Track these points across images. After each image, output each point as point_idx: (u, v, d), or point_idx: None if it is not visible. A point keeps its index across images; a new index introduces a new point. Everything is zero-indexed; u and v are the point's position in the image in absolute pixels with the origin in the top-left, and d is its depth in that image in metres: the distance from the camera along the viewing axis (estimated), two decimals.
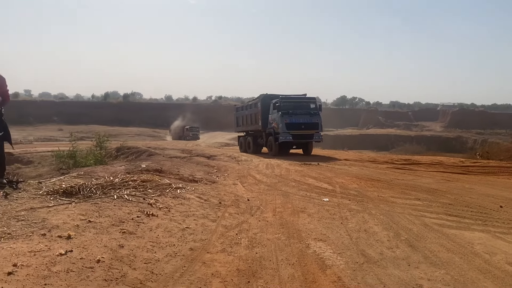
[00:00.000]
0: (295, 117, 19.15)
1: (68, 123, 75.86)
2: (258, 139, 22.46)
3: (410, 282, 3.84)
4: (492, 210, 6.87)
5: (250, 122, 23.26)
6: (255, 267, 4.21)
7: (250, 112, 23.37)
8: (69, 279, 3.34)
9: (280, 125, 19.03)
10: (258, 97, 22.52)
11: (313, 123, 19.47)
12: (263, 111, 20.92)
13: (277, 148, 19.47)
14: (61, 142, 45.02)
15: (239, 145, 25.76)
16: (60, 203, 5.54)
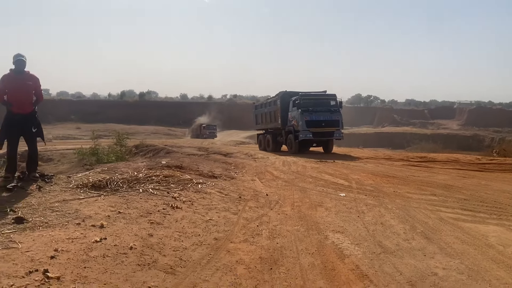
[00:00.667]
0: (315, 115, 18.75)
1: (85, 121, 77.07)
2: (277, 137, 21.92)
3: (426, 271, 4.01)
4: (507, 205, 6.96)
5: (269, 120, 22.76)
6: (277, 255, 4.43)
7: (269, 110, 22.84)
8: (106, 263, 3.61)
9: (300, 123, 18.66)
10: (277, 94, 21.94)
11: (334, 121, 19.10)
12: (283, 109, 20.52)
13: (297, 146, 19.15)
14: (79, 140, 45.90)
15: (258, 143, 25.32)
16: (90, 196, 5.84)
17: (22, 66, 6.41)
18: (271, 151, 21.18)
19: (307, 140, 19.00)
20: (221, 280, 3.68)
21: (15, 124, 6.37)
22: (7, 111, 6.38)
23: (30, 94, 6.50)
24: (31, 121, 6.55)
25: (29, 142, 6.63)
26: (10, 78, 6.36)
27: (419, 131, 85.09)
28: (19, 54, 6.37)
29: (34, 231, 4.15)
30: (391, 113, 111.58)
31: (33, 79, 6.55)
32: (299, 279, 3.82)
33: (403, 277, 3.87)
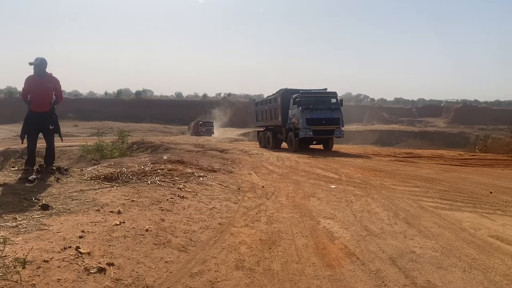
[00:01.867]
0: (315, 113, 18.47)
1: (82, 119, 77.14)
2: (278, 134, 21.71)
3: (405, 249, 4.49)
4: (483, 196, 7.49)
5: (269, 117, 22.50)
6: (275, 237, 4.89)
7: (269, 107, 22.54)
8: (127, 242, 4.05)
9: (301, 121, 18.38)
10: (277, 91, 21.45)
11: (334, 119, 18.78)
12: (283, 106, 20.28)
13: (297, 144, 18.97)
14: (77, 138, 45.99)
15: (259, 140, 24.99)
16: (103, 187, 6.27)
17: (45, 69, 6.80)
18: (271, 148, 21.19)
19: (308, 138, 18.80)
20: (227, 257, 4.13)
21: (34, 122, 6.80)
22: (28, 110, 6.82)
23: (50, 95, 6.91)
24: (48, 119, 6.96)
25: (47, 138, 7.04)
26: (33, 80, 6.78)
27: (407, 128, 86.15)
28: (42, 58, 6.77)
29: (60, 216, 4.57)
30: (380, 111, 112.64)
31: (54, 81, 6.96)
32: (295, 256, 4.28)
33: (385, 254, 4.35)
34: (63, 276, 3.14)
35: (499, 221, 5.70)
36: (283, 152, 18.13)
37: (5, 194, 5.26)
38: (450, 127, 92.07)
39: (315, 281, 3.66)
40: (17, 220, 4.27)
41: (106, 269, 3.38)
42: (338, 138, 19.57)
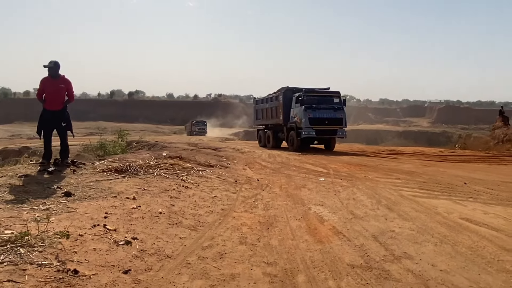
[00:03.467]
0: (318, 112, 17.86)
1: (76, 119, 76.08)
2: (278, 133, 20.91)
3: (386, 229, 5.06)
4: (457, 186, 8.12)
5: (270, 116, 21.57)
6: (271, 220, 5.43)
7: (270, 106, 21.60)
8: (145, 222, 4.57)
9: (303, 120, 17.69)
10: (279, 90, 20.61)
11: (337, 119, 18.13)
12: (285, 105, 19.51)
13: (299, 143, 18.31)
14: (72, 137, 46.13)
15: (258, 139, 23.91)
16: (115, 178, 6.75)
17: (58, 72, 7.25)
18: (271, 147, 20.69)
19: (310, 138, 18.21)
20: (231, 235, 4.66)
21: (47, 119, 7.26)
22: (42, 108, 7.28)
23: (62, 95, 7.37)
24: (61, 117, 7.42)
25: (60, 134, 7.50)
26: (47, 81, 7.23)
27: (392, 128, 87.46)
28: (56, 61, 7.21)
29: (82, 202, 5.06)
30: (366, 112, 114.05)
31: (66, 83, 7.41)
32: (290, 235, 4.83)
33: (368, 233, 4.91)
34: (98, 246, 3.64)
35: (470, 206, 6.31)
36: (274, 150, 18.68)
37: (29, 183, 5.73)
38: (433, 126, 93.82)
39: (308, 253, 4.21)
40: (46, 204, 4.76)
41: (132, 242, 3.90)
42: (341, 138, 19.08)
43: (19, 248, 3.27)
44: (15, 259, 3.11)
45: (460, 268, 3.79)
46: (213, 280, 3.40)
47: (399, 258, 4.05)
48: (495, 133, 25.43)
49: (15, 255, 3.18)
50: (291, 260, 3.98)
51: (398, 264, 3.89)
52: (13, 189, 5.35)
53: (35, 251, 3.30)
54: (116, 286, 3.03)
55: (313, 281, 3.49)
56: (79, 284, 2.96)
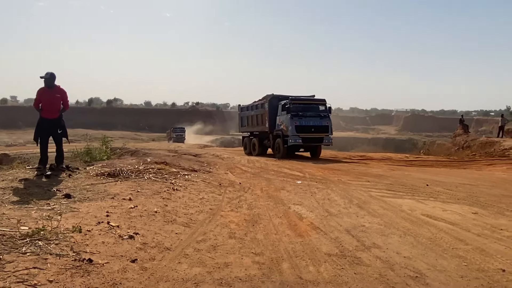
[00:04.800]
0: (305, 120, 17.60)
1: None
2: (264, 141, 20.41)
3: (357, 224, 5.55)
4: (420, 187, 8.74)
5: (256, 123, 21.09)
6: (256, 218, 5.84)
7: (256, 113, 21.09)
8: (143, 219, 4.91)
9: (290, 128, 17.43)
10: (264, 97, 20.15)
11: (323, 126, 17.89)
12: (271, 112, 19.13)
13: (286, 151, 17.96)
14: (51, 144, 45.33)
15: (244, 146, 23.23)
16: (109, 181, 7.02)
17: (51, 82, 7.49)
18: (257, 155, 20.20)
19: (296, 145, 17.96)
20: (221, 230, 5.05)
21: (44, 127, 7.48)
22: (39, 116, 7.49)
23: (58, 104, 7.60)
24: (57, 124, 7.65)
25: (56, 141, 7.72)
26: (43, 91, 7.46)
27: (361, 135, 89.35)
28: (52, 73, 7.45)
29: (83, 202, 5.34)
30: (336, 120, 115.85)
31: (61, 92, 7.65)
32: (273, 229, 5.25)
33: (342, 227, 5.38)
34: (105, 239, 3.98)
35: (430, 204, 6.90)
36: (252, 156, 19.10)
37: (30, 186, 5.96)
38: (400, 134, 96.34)
39: (290, 245, 4.63)
40: (50, 205, 5.03)
41: (134, 236, 4.24)
42: (327, 145, 18.76)
43: (38, 241, 3.58)
44: (36, 250, 3.42)
45: (420, 255, 4.29)
46: (209, 267, 3.78)
47: (369, 248, 4.53)
48: (456, 140, 26.68)
49: (35, 247, 3.49)
50: (276, 251, 4.39)
51: (368, 253, 4.37)
52: (17, 191, 5.58)
53: (51, 244, 3.61)
54: (127, 273, 3.38)
55: (296, 267, 3.92)
56: (95, 270, 3.29)
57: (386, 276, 3.72)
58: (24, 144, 46.46)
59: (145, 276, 3.39)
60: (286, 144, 17.74)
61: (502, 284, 3.58)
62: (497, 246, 4.65)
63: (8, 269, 3.05)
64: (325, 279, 3.62)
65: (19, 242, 3.55)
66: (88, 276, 3.19)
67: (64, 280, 3.05)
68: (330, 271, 3.82)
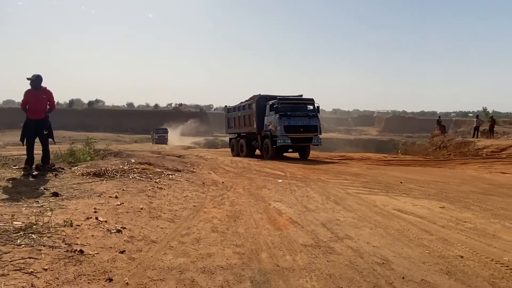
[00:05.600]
0: (293, 120, 17.40)
1: None
2: (252, 142, 20.11)
3: (333, 218, 5.91)
4: (394, 185, 9.18)
5: (243, 124, 20.75)
6: (237, 214, 6.14)
7: (243, 114, 20.75)
8: (130, 215, 5.16)
9: (278, 128, 17.22)
10: (252, 97, 19.82)
11: (312, 126, 17.72)
12: (258, 113, 18.87)
13: (274, 152, 17.80)
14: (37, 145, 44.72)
15: (231, 148, 22.87)
16: (95, 181, 7.23)
17: (37, 84, 7.65)
18: (245, 156, 19.91)
19: (285, 146, 17.73)
20: (204, 225, 5.33)
21: (30, 127, 7.64)
22: (26, 117, 7.65)
23: (44, 105, 7.77)
24: (43, 125, 7.81)
25: (42, 141, 7.88)
26: (30, 93, 7.62)
27: (343, 136, 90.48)
28: (38, 75, 7.61)
29: (71, 200, 5.56)
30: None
31: (48, 93, 7.82)
32: (254, 224, 5.56)
33: (318, 221, 5.73)
34: (94, 233, 4.23)
35: (402, 200, 7.33)
36: (235, 157, 19.38)
37: (18, 185, 6.14)
38: (381, 135, 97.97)
39: (269, 238, 4.95)
40: (39, 202, 5.24)
41: (122, 230, 4.49)
42: (316, 146, 18.70)
43: (31, 235, 3.81)
44: (30, 243, 3.66)
45: (388, 244, 4.67)
46: (193, 258, 4.07)
47: (342, 239, 4.88)
48: (433, 140, 27.48)
49: (29, 239, 3.72)
50: (256, 243, 4.70)
51: (340, 243, 4.72)
52: (5, 190, 5.76)
53: (44, 236, 3.85)
54: (116, 262, 3.64)
55: (274, 256, 4.23)
56: (86, 260, 3.55)
57: (355, 263, 4.07)
58: (3, 146, 45.73)
59: (133, 265, 3.66)
60: (274, 145, 17.56)
61: (459, 269, 3.97)
62: (459, 236, 5.07)
63: (5, 259, 3.29)
64: (300, 266, 3.95)
65: (13, 235, 3.78)
66: (80, 265, 3.45)
67: (58, 269, 3.30)
68: (305, 260, 4.14)
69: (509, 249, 4.60)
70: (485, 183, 9.96)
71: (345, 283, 3.57)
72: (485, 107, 45.91)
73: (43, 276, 3.13)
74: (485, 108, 45.87)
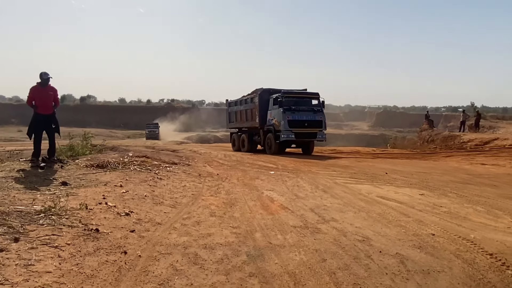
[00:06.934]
0: (298, 114, 16.83)
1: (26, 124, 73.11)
2: (254, 137, 19.62)
3: (320, 204, 6.44)
4: (380, 175, 9.75)
5: (245, 119, 20.11)
6: (233, 201, 6.65)
7: (245, 108, 20.07)
8: (135, 201, 5.65)
9: (282, 123, 16.68)
10: (254, 91, 19.22)
11: (317, 121, 17.15)
12: (261, 107, 18.29)
13: (277, 147, 17.29)
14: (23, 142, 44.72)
15: (232, 143, 22.21)
16: (99, 171, 7.69)
17: (48, 82, 8.08)
18: (246, 151, 19.47)
19: (289, 141, 17.15)
20: (203, 211, 5.84)
21: (39, 122, 8.07)
22: (34, 113, 8.06)
23: (51, 100, 8.20)
24: (51, 120, 8.23)
25: (49, 135, 8.30)
26: (36, 89, 8.03)
27: (335, 131, 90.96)
28: (47, 73, 8.02)
29: (79, 189, 6.03)
30: None
31: (53, 90, 8.25)
32: (248, 210, 6.07)
33: (307, 207, 6.26)
34: (106, 216, 4.71)
35: (385, 189, 7.89)
36: (229, 151, 19.84)
37: (28, 176, 6.58)
38: (372, 129, 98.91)
39: (262, 221, 5.47)
40: (51, 190, 5.70)
41: (130, 214, 4.99)
42: (321, 141, 18.20)
43: (51, 216, 4.29)
44: (51, 223, 4.14)
45: (369, 225, 5.21)
46: (194, 236, 4.57)
47: (328, 221, 5.41)
48: (421, 134, 28.19)
49: (50, 220, 4.20)
50: (250, 225, 5.22)
51: (326, 224, 5.25)
52: (18, 180, 6.20)
53: (63, 218, 4.33)
54: (128, 239, 4.14)
55: (267, 236, 4.75)
56: (102, 237, 4.04)
57: (339, 240, 4.60)
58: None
59: (143, 242, 4.16)
60: (278, 140, 17.12)
61: (430, 244, 4.51)
62: (434, 218, 5.63)
63: (32, 236, 3.77)
64: (290, 244, 4.47)
65: (35, 217, 4.25)
66: (97, 241, 3.94)
67: (79, 243, 3.79)
68: (295, 238, 4.67)
69: (476, 228, 5.17)
70: (465, 174, 10.59)
71: (329, 256, 4.10)
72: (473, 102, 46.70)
73: (67, 249, 3.62)
74: (473, 103, 46.65)
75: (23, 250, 3.43)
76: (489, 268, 3.93)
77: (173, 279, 3.38)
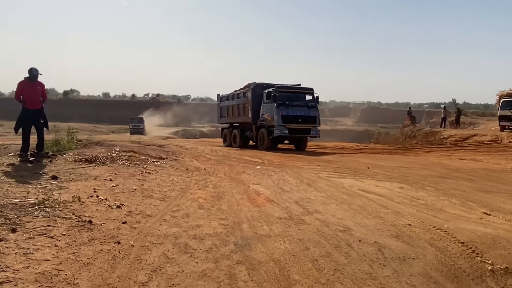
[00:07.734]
0: (291, 109, 16.54)
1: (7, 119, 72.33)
2: (246, 132, 19.29)
3: (304, 197, 6.70)
4: (362, 170, 10.07)
5: (237, 113, 19.74)
6: (220, 195, 6.86)
7: (237, 102, 19.65)
8: (125, 195, 5.81)
9: (276, 118, 16.37)
10: (247, 85, 18.76)
11: (311, 117, 16.96)
12: (254, 101, 17.87)
13: (270, 143, 17.04)
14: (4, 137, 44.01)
15: (223, 139, 21.74)
16: (87, 166, 7.80)
17: (37, 78, 8.14)
18: (238, 147, 19.08)
19: (282, 136, 16.94)
20: (192, 204, 6.03)
21: (28, 117, 8.13)
22: (22, 107, 8.11)
23: (39, 95, 8.26)
24: (40, 115, 8.30)
25: (38, 130, 8.36)
26: (25, 84, 8.08)
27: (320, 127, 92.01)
28: (36, 69, 8.08)
29: (70, 182, 6.16)
30: None
31: (41, 85, 8.31)
32: (235, 203, 6.29)
33: (292, 200, 6.51)
34: (98, 208, 4.88)
35: (367, 182, 8.20)
36: (215, 146, 20.00)
37: (18, 170, 6.68)
38: (357, 125, 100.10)
39: (249, 213, 5.69)
40: (41, 184, 5.83)
41: (121, 206, 5.16)
42: (314, 137, 17.93)
43: (45, 208, 4.44)
44: (46, 214, 4.29)
45: (350, 216, 5.49)
46: (184, 228, 4.77)
47: (312, 213, 5.67)
48: (404, 130, 28.77)
49: (44, 212, 4.35)
50: (237, 217, 5.44)
51: (310, 216, 5.51)
52: (8, 174, 6.30)
53: (56, 210, 4.48)
54: (121, 230, 4.32)
55: (253, 227, 4.98)
56: (96, 228, 4.21)
57: (322, 230, 4.86)
58: None
59: (135, 232, 4.35)
60: (271, 135, 16.84)
61: (406, 234, 4.81)
62: (411, 210, 5.94)
63: (28, 226, 3.93)
64: (275, 234, 4.71)
65: (30, 209, 4.40)
66: (91, 231, 4.11)
67: (74, 234, 3.96)
68: (280, 229, 4.91)
69: (451, 219, 5.50)
70: (443, 168, 11.00)
71: (312, 244, 4.36)
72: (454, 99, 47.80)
73: (63, 239, 3.79)
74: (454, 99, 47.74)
75: (21, 240, 3.59)
76: (460, 255, 4.24)
77: (165, 267, 3.58)
